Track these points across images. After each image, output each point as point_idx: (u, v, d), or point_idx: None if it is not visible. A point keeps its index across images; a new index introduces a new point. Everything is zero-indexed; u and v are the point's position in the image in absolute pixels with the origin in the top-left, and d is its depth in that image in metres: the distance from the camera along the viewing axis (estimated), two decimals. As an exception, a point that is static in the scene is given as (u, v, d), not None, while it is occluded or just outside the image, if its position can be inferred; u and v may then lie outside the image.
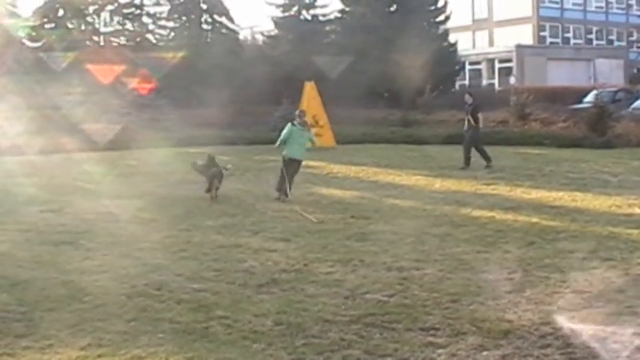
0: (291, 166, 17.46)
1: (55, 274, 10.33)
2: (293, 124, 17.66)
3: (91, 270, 10.59)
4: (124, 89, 39.57)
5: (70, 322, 8.32)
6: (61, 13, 49.27)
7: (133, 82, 40.60)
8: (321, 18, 53.40)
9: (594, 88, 42.43)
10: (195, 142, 29.82)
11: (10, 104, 31.99)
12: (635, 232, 12.71)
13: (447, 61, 49.63)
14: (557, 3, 70.65)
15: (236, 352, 7.46)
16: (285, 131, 17.60)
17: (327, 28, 53.89)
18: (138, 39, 50.88)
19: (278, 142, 17.73)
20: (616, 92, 43.38)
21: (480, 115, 22.88)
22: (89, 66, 40.84)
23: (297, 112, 18.73)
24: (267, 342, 7.68)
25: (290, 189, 17.26)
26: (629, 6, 75.11)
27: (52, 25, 48.83)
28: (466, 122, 23.11)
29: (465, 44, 64.11)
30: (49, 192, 18.22)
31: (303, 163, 18.17)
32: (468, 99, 23.41)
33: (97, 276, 10.24)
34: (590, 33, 72.94)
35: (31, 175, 21.43)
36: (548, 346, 7.51)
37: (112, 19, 51.65)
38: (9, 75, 37.44)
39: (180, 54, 44.53)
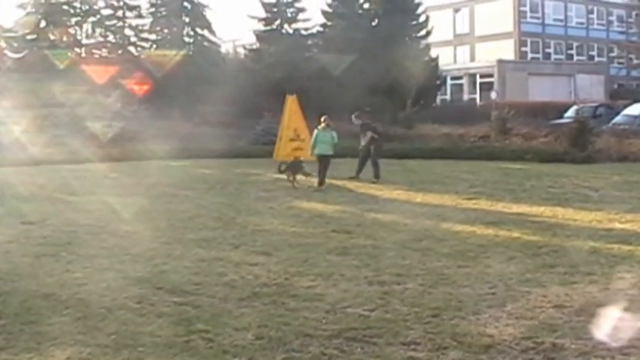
0: (323, 161, 21.65)
1: (36, 286, 10.26)
2: (317, 129, 22.12)
3: (72, 282, 10.52)
4: (107, 100, 39.54)
5: (51, 335, 8.25)
6: (43, 24, 49.11)
7: (117, 93, 40.66)
8: (303, 32, 53.41)
9: (575, 103, 42.75)
10: (177, 155, 29.75)
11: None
12: (615, 246, 12.74)
13: (429, 76, 49.71)
14: (538, 18, 71.14)
15: (217, 366, 7.44)
16: (312, 137, 22.34)
17: (310, 42, 53.89)
18: (120, 51, 50.84)
19: (311, 148, 22.15)
20: (597, 107, 43.75)
21: (369, 134, 23.73)
22: (74, 76, 40.90)
23: (322, 118, 22.39)
24: (248, 356, 7.64)
25: (324, 179, 21.53)
26: (610, 22, 75.74)
27: (34, 36, 48.67)
28: (366, 139, 23.82)
29: (446, 59, 64.40)
30: (32, 203, 18.14)
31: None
32: (355, 120, 24.57)
33: (78, 288, 10.17)
34: (571, 48, 73.48)
35: (15, 186, 21.31)
36: (530, 360, 7.52)
37: (94, 31, 51.58)
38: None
39: (166, 60, 44.60)
